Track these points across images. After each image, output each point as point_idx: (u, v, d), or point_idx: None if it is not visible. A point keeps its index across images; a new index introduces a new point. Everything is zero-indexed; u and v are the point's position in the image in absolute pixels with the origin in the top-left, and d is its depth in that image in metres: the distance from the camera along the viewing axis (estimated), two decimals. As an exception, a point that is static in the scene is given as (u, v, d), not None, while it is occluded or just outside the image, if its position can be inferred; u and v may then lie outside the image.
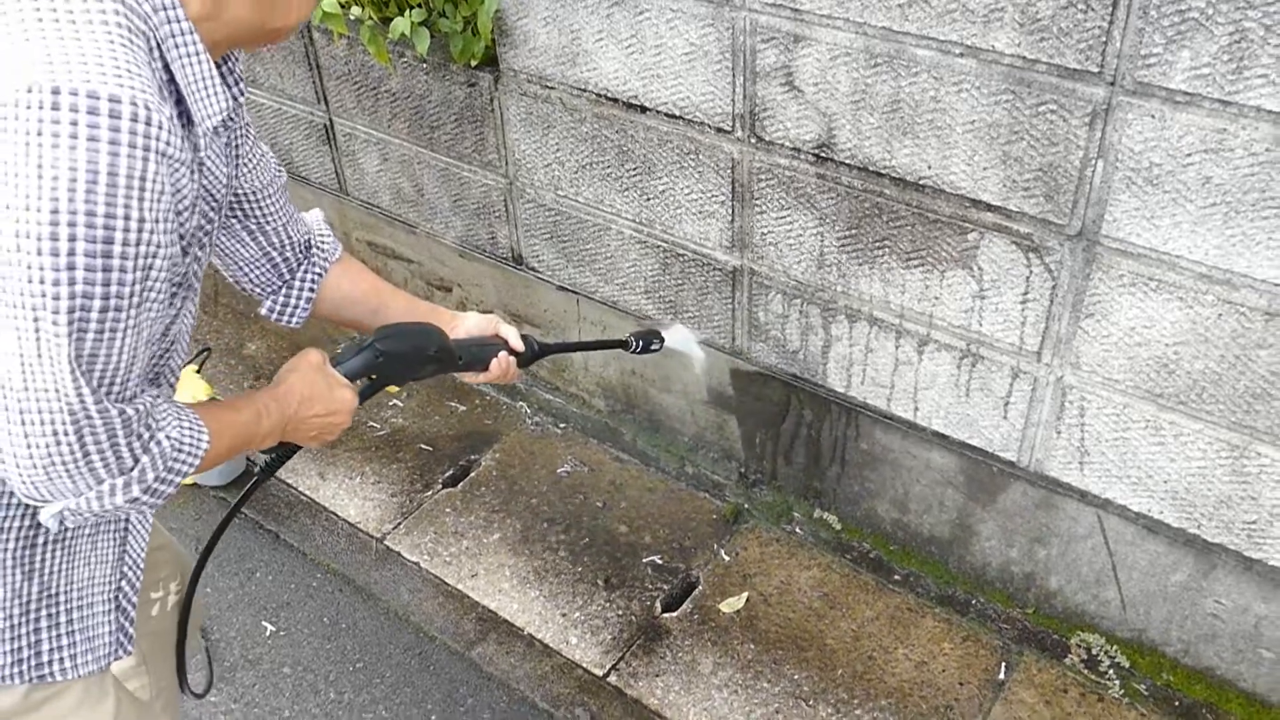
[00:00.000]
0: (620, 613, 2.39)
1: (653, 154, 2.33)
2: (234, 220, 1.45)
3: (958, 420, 2.19)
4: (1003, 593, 2.36)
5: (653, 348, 2.01)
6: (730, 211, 2.27)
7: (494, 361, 1.67)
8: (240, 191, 1.41)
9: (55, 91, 0.90)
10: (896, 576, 2.45)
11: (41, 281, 0.92)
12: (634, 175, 2.39)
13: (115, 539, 1.31)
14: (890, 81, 1.88)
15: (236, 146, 1.33)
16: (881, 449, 2.36)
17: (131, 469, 1.05)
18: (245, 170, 1.39)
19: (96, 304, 0.95)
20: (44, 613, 1.23)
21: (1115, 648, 2.23)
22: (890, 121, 1.92)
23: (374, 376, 1.52)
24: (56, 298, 0.93)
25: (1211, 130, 1.61)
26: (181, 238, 1.07)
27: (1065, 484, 2.11)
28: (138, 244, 0.95)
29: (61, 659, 1.26)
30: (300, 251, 1.55)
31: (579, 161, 2.48)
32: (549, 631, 2.36)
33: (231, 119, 1.28)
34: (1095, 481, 2.07)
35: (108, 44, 0.95)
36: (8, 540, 1.17)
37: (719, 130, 2.18)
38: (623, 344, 1.99)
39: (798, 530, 2.56)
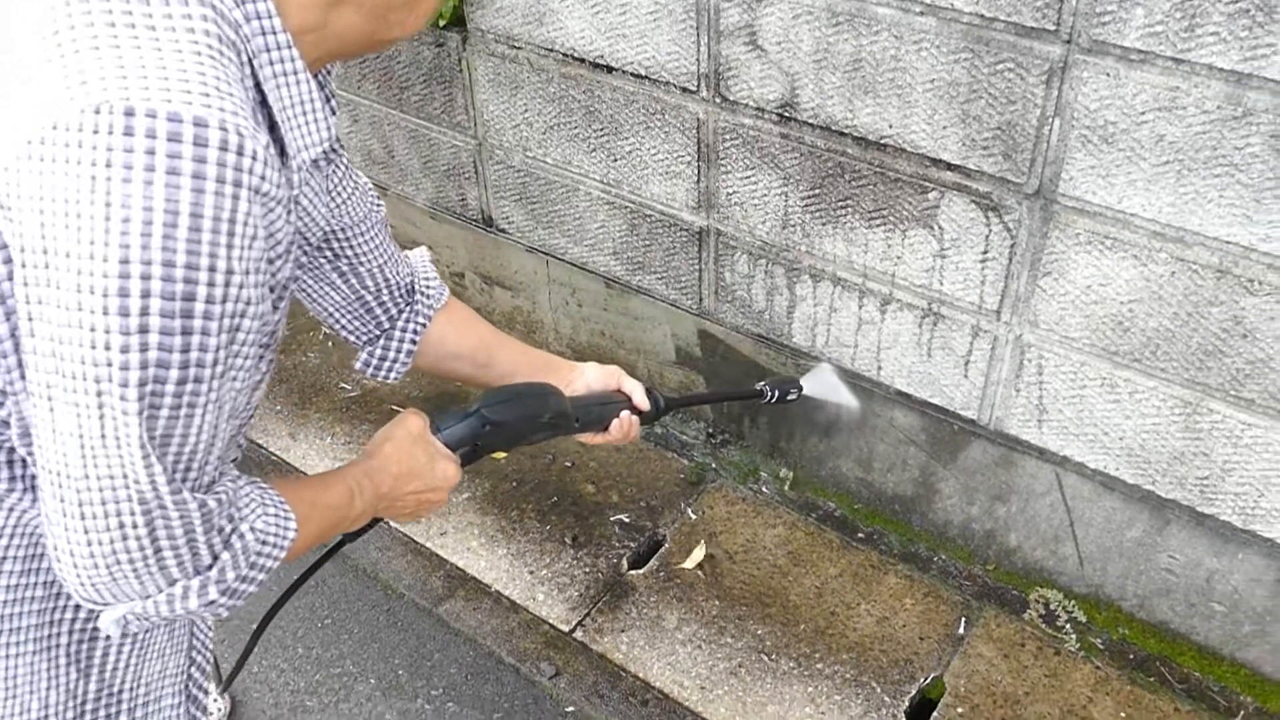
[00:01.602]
0: (587, 570, 2.42)
1: (619, 114, 2.33)
2: (322, 260, 1.24)
3: (920, 379, 2.21)
4: (964, 549, 2.39)
5: (789, 397, 1.87)
6: (696, 172, 2.28)
7: (615, 423, 1.49)
8: (330, 228, 1.21)
9: (129, 113, 0.73)
10: (860, 534, 2.48)
11: (107, 347, 0.76)
12: (601, 136, 2.40)
13: (185, 624, 1.17)
14: (851, 40, 1.89)
15: (328, 178, 1.16)
16: (845, 408, 2.39)
17: (209, 568, 0.90)
18: (337, 203, 1.19)
19: (173, 374, 0.79)
20: (100, 714, 1.08)
21: (1073, 603, 2.27)
22: (852, 80, 1.93)
23: (479, 444, 1.36)
24: (125, 367, 0.77)
25: (1164, 88, 1.63)
26: (272, 290, 0.91)
27: (1024, 442, 2.14)
28: (223, 300, 0.79)
29: None
30: (402, 296, 1.35)
31: (547, 122, 2.48)
32: (516, 588, 2.39)
33: (334, 150, 1.09)
34: (1053, 439, 2.09)
35: (193, 56, 0.78)
36: (59, 635, 1.02)
37: (684, 90, 2.19)
38: (757, 394, 1.83)
39: (764, 489, 2.59)
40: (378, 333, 1.36)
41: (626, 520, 2.53)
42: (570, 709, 2.16)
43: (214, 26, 0.81)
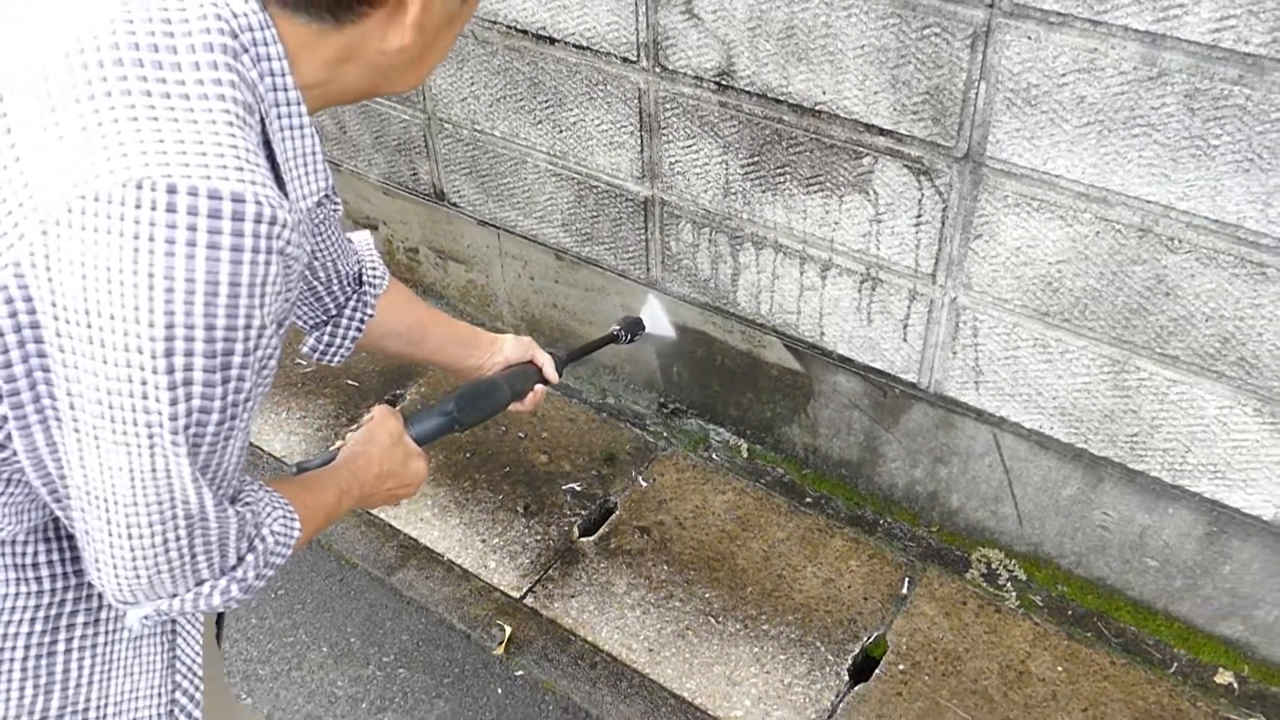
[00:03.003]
0: (538, 538, 2.45)
1: (563, 85, 2.35)
2: None
3: (861, 344, 2.25)
4: (909, 512, 2.43)
5: (636, 336, 2.23)
6: (639, 142, 2.31)
7: (530, 395, 1.69)
8: None
9: (171, 190, 0.78)
10: (808, 499, 2.52)
11: (158, 400, 0.83)
12: (546, 107, 2.42)
13: (163, 642, 1.17)
14: (784, 7, 1.91)
15: (316, 221, 1.24)
16: (791, 375, 2.42)
17: (234, 568, 1.01)
18: None
19: (214, 417, 0.87)
20: None
21: (1014, 562, 2.31)
22: (785, 48, 1.96)
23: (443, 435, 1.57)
24: (174, 417, 0.85)
25: (1083, 50, 1.66)
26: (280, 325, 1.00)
27: (962, 403, 2.18)
28: (255, 350, 0.87)
29: None
30: (350, 285, 1.44)
31: (493, 95, 2.50)
32: (468, 557, 2.42)
33: (329, 196, 1.14)
34: (990, 400, 2.13)
35: (226, 127, 0.83)
36: (15, 650, 1.03)
37: (625, 60, 2.21)
38: (613, 338, 2.17)
39: (714, 456, 2.62)
40: (325, 318, 1.45)
41: (578, 489, 2.56)
42: (520, 673, 2.20)
43: (239, 93, 0.86)
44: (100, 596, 1.06)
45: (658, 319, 2.41)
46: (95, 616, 1.07)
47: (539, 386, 1.70)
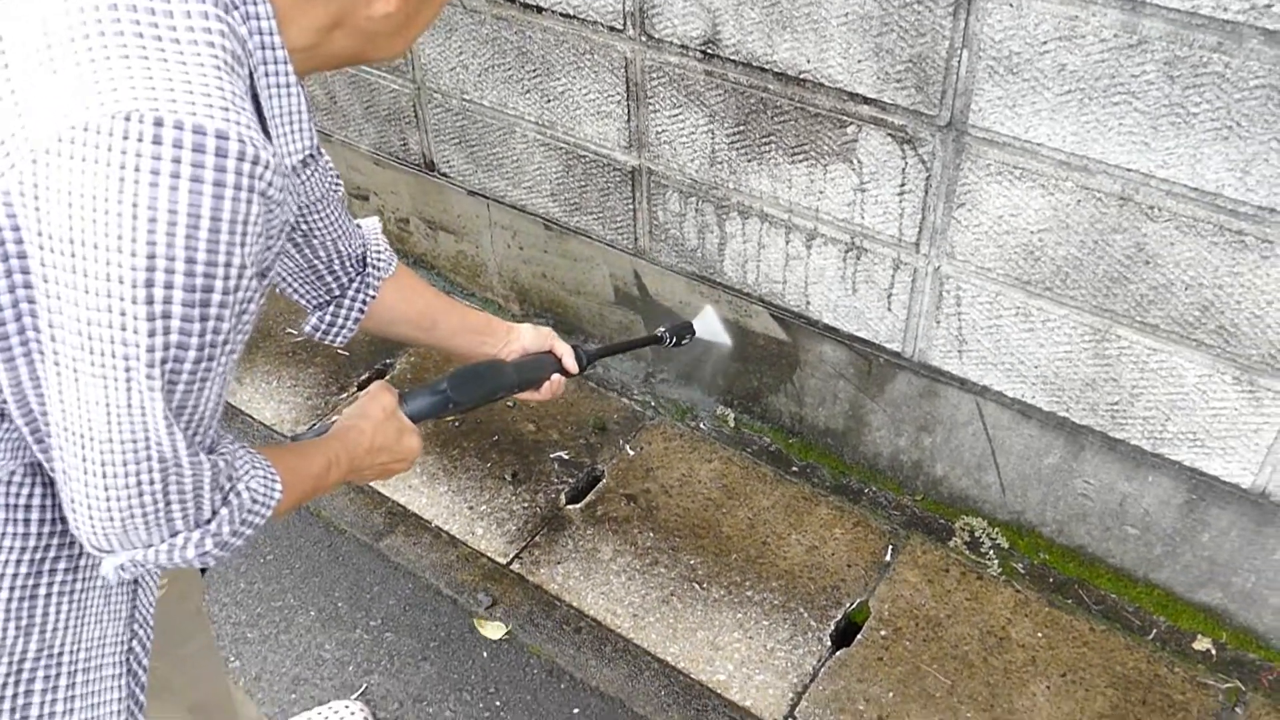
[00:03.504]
0: (526, 505, 2.47)
1: (550, 55, 2.35)
2: None
3: (846, 313, 2.26)
4: (893, 480, 2.45)
5: (684, 340, 2.17)
6: (626, 111, 2.31)
7: (546, 384, 1.67)
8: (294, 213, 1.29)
9: (158, 123, 0.81)
10: (795, 468, 2.53)
11: (135, 331, 0.84)
12: (534, 77, 2.42)
13: (127, 593, 1.19)
14: (768, -25, 1.92)
15: (302, 180, 1.25)
16: (777, 344, 2.43)
17: (208, 522, 1.01)
18: (299, 182, 1.26)
19: (191, 354, 0.88)
20: (39, 674, 1.09)
21: (996, 530, 2.33)
22: (770, 16, 1.96)
23: (438, 415, 1.55)
24: (151, 349, 0.85)
25: (1065, 17, 1.66)
26: (262, 275, 1.01)
27: (946, 372, 2.19)
28: (235, 290, 0.88)
29: None
30: (353, 266, 1.45)
31: (482, 64, 2.50)
32: (456, 524, 2.44)
33: (313, 156, 1.17)
34: (973, 369, 2.15)
35: (214, 71, 0.86)
36: (1, 591, 1.04)
37: (611, 29, 2.21)
38: (657, 339, 2.11)
39: (701, 426, 2.64)
40: (328, 299, 1.46)
41: (566, 457, 2.58)
42: (505, 637, 2.22)
43: (228, 42, 0.89)
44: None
45: (711, 326, 2.37)
46: (75, 564, 1.08)
47: (556, 376, 1.68)
